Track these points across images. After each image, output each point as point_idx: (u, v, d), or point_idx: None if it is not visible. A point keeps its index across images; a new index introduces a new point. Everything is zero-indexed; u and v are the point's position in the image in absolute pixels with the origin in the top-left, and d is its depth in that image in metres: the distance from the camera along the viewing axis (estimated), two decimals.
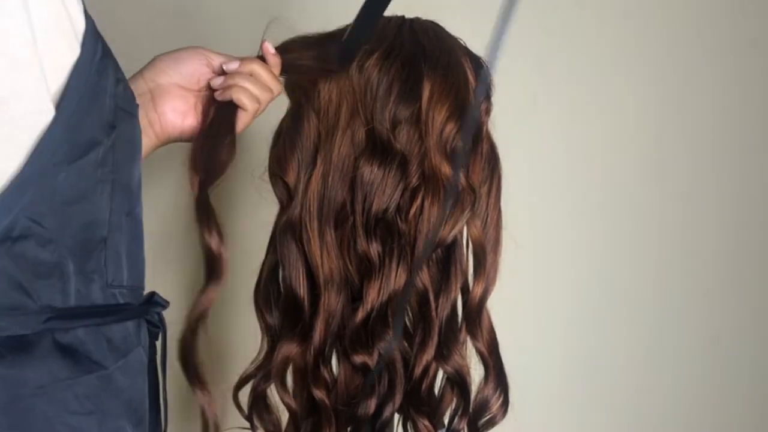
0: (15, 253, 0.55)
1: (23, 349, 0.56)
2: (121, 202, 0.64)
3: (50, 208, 0.57)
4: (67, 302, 0.59)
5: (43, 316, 0.57)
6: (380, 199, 0.78)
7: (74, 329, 0.60)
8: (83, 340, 0.61)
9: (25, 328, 0.56)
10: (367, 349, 0.79)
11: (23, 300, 0.56)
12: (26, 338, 0.57)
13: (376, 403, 0.79)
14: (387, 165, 0.78)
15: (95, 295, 0.62)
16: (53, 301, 0.58)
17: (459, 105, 0.81)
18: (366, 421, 0.80)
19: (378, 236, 0.79)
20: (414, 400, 0.81)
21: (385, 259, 0.78)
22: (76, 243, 0.60)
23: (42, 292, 0.57)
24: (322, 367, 0.80)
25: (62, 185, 0.57)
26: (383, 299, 0.78)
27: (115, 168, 0.62)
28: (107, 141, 0.61)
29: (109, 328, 0.64)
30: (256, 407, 0.86)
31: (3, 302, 0.55)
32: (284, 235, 0.81)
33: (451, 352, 0.81)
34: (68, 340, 0.59)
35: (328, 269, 0.79)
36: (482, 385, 0.84)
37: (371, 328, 0.79)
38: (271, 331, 0.85)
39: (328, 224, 0.79)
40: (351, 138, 0.79)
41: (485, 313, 0.84)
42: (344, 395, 0.81)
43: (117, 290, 0.65)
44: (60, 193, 0.57)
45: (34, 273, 0.57)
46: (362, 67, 0.79)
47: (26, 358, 0.57)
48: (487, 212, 0.85)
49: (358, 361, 0.79)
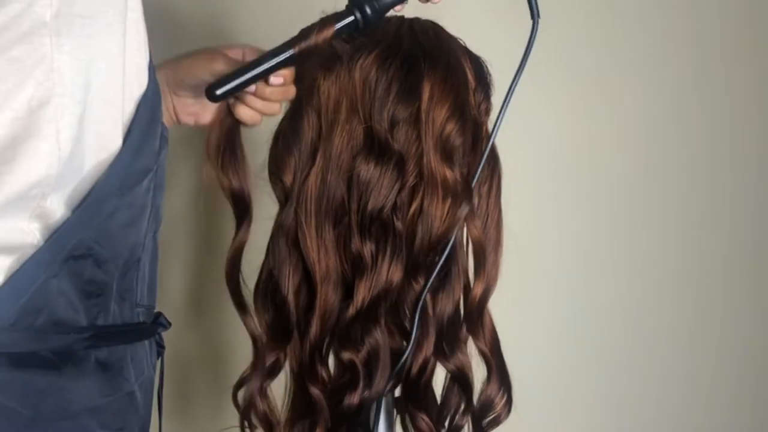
0: (75, 271, 0.57)
1: (75, 364, 0.59)
2: (152, 223, 0.66)
3: (109, 230, 0.59)
4: (107, 320, 0.62)
5: (88, 333, 0.59)
6: (376, 198, 0.78)
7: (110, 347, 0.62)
8: (118, 357, 0.63)
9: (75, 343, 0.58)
10: (354, 346, 0.79)
11: (76, 317, 0.59)
12: (76, 354, 0.59)
13: (359, 397, 0.79)
14: (384, 164, 0.78)
15: (125, 314, 0.65)
16: (97, 320, 0.60)
17: (459, 105, 0.81)
18: (350, 415, 0.80)
19: (372, 235, 0.79)
20: (412, 396, 0.81)
21: (378, 258, 0.78)
22: (123, 264, 0.62)
23: (90, 310, 0.60)
24: (318, 364, 0.80)
25: (122, 209, 0.60)
26: (373, 296, 0.78)
27: (155, 192, 0.65)
28: (155, 167, 0.64)
29: (134, 346, 0.66)
30: (254, 407, 0.86)
31: (61, 318, 0.57)
32: (281, 235, 0.81)
33: (453, 350, 0.81)
34: (105, 357, 0.62)
35: (325, 267, 0.79)
36: (485, 384, 0.84)
37: (360, 325, 0.79)
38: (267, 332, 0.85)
39: (326, 222, 0.79)
40: (349, 136, 0.79)
41: (487, 313, 0.84)
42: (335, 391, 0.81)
43: (140, 309, 0.68)
44: (119, 216, 0.60)
45: (86, 292, 0.59)
46: (361, 66, 0.79)
47: (77, 372, 0.59)
48: (487, 212, 0.85)
49: (346, 358, 0.80)
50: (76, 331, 0.59)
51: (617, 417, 1.41)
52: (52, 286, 0.56)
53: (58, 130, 0.54)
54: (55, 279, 0.56)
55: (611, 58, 1.33)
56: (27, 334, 0.56)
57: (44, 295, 0.56)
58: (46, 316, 0.56)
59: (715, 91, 1.38)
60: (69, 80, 0.54)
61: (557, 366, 1.37)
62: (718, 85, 1.38)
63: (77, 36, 0.54)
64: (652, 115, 1.36)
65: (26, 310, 0.55)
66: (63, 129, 0.54)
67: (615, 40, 1.32)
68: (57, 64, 0.53)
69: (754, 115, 1.41)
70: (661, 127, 1.37)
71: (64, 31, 0.53)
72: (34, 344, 0.56)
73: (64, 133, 0.54)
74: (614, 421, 1.41)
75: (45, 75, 0.53)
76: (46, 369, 0.57)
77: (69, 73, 0.54)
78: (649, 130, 1.37)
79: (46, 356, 0.57)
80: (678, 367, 1.42)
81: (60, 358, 0.58)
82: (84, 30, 0.54)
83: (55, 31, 0.52)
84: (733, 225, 1.42)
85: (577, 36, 1.30)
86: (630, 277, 1.38)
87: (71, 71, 0.54)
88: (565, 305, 1.36)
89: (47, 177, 0.54)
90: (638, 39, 1.34)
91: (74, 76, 0.54)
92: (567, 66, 1.31)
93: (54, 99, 0.53)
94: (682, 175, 1.39)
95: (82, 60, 0.54)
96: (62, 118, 0.54)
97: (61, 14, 0.53)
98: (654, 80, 1.35)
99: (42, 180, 0.54)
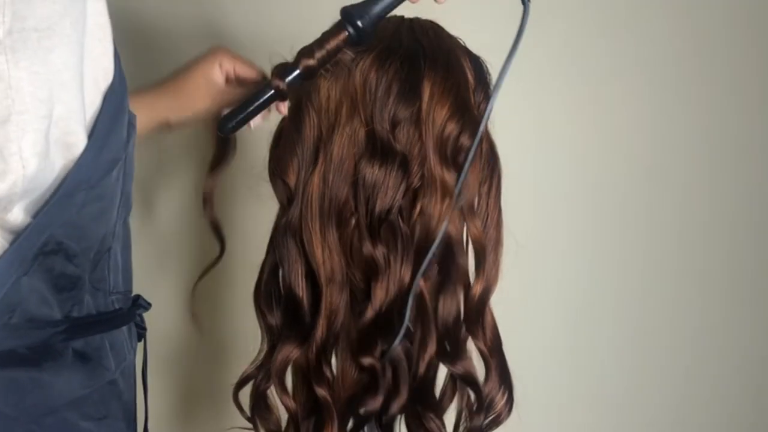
0: (46, 267, 0.57)
1: (52, 358, 0.59)
2: (122, 211, 0.66)
3: (78, 224, 0.59)
4: (82, 312, 0.62)
5: (63, 326, 0.59)
6: (383, 200, 0.78)
7: (87, 337, 0.62)
8: (95, 347, 0.63)
9: (51, 337, 0.58)
10: (373, 350, 0.79)
11: (50, 312, 0.59)
12: (53, 348, 0.59)
13: (382, 401, 0.79)
14: (388, 165, 0.78)
15: (99, 303, 0.65)
16: (71, 312, 0.61)
17: (459, 105, 0.80)
18: (371, 419, 0.80)
19: (382, 237, 0.78)
20: (421, 397, 0.81)
21: (390, 259, 0.78)
22: (94, 255, 0.62)
23: (63, 303, 0.60)
24: (324, 365, 0.80)
25: (90, 203, 0.59)
26: (391, 298, 0.78)
27: (125, 180, 0.65)
28: (123, 156, 0.64)
29: (111, 334, 0.65)
30: (258, 408, 0.86)
31: (34, 314, 0.58)
32: (284, 235, 0.81)
33: (458, 351, 0.81)
34: (83, 348, 0.62)
35: (330, 268, 0.79)
36: (486, 383, 0.84)
37: (378, 328, 0.79)
38: (271, 332, 0.85)
39: (330, 223, 0.79)
40: (351, 137, 0.79)
41: (488, 313, 0.84)
42: (346, 393, 0.81)
43: (114, 296, 0.67)
44: (87, 210, 0.60)
45: (58, 286, 0.59)
46: (361, 68, 0.79)
47: (56, 366, 0.59)
48: (487, 212, 0.84)
49: (366, 362, 0.79)
50: (51, 325, 0.59)
51: (617, 418, 1.42)
52: (23, 284, 0.56)
53: (20, 148, 0.52)
54: (25, 277, 0.56)
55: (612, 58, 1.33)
56: (2, 333, 0.56)
57: (16, 294, 0.56)
58: (20, 314, 0.56)
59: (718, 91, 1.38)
60: (29, 96, 0.52)
61: (558, 366, 1.37)
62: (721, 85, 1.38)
63: (34, 50, 0.52)
64: (654, 115, 1.36)
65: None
66: (26, 147, 0.53)
67: (616, 40, 1.32)
68: (14, 81, 0.52)
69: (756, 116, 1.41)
70: (663, 127, 1.37)
71: (20, 46, 0.52)
72: (10, 341, 0.56)
73: (27, 150, 0.53)
74: (614, 421, 1.41)
75: (3, 93, 0.51)
76: (25, 366, 0.57)
77: (29, 88, 0.52)
78: (651, 131, 1.37)
79: (24, 353, 0.57)
80: (679, 369, 1.43)
81: (38, 353, 0.58)
82: (41, 43, 0.53)
83: (9, 48, 0.51)
84: (736, 226, 1.42)
85: (578, 36, 1.30)
86: (631, 276, 1.38)
87: (31, 86, 0.53)
88: (565, 305, 1.36)
89: (10, 195, 0.53)
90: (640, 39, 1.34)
91: (35, 91, 0.53)
92: (568, 66, 1.31)
93: (13, 117, 0.52)
94: (683, 175, 1.39)
95: (41, 74, 0.53)
96: (24, 136, 0.52)
97: (14, 30, 0.51)
98: (655, 80, 1.35)
99: (4, 198, 0.53)
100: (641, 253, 1.38)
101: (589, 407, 1.40)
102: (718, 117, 1.39)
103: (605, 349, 1.39)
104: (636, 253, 1.38)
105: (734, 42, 1.38)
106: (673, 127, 1.37)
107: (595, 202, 1.35)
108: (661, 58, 1.35)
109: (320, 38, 0.78)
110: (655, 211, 1.38)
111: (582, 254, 1.36)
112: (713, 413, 1.46)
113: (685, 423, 1.44)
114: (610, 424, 1.41)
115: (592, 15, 1.31)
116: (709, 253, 1.42)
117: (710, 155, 1.40)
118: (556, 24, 1.28)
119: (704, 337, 1.43)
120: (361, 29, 0.76)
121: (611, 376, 1.40)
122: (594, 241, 1.36)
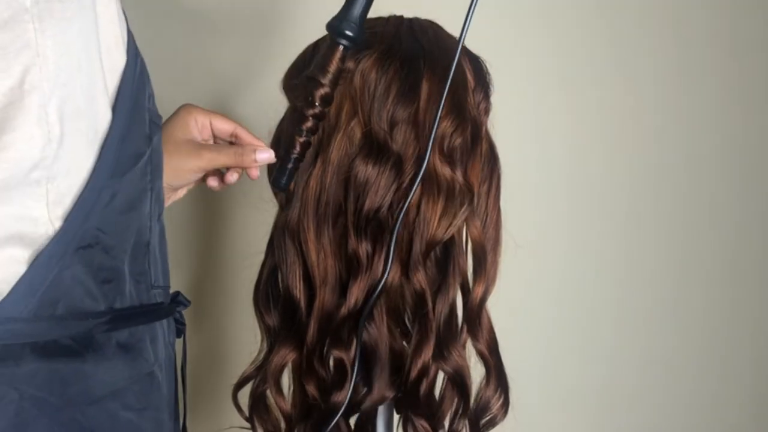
0: (86, 261, 0.59)
1: (96, 349, 0.60)
2: (155, 207, 0.68)
3: (110, 217, 0.61)
4: (125, 303, 0.63)
5: (107, 317, 0.61)
6: (372, 198, 0.78)
7: (129, 328, 0.64)
8: (138, 338, 0.65)
9: (94, 328, 0.60)
10: (344, 345, 0.80)
11: (92, 304, 0.60)
12: (96, 339, 0.60)
13: (349, 394, 0.79)
14: (381, 165, 0.78)
15: (143, 296, 0.66)
16: (114, 303, 0.62)
17: (458, 105, 0.80)
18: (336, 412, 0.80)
19: (369, 235, 0.79)
20: (411, 400, 0.81)
21: (374, 258, 0.78)
22: (130, 248, 0.64)
23: (106, 295, 0.61)
24: (316, 365, 0.81)
25: (118, 195, 0.61)
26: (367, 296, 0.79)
27: (153, 177, 0.67)
28: (148, 151, 0.65)
29: (153, 326, 0.68)
30: (256, 408, 0.86)
31: (79, 307, 0.59)
32: (282, 237, 0.81)
33: (450, 353, 0.81)
34: (126, 339, 0.63)
35: (323, 269, 0.80)
36: (483, 385, 0.84)
37: (350, 324, 0.79)
38: (270, 332, 0.86)
39: (326, 225, 0.79)
40: (349, 139, 0.79)
41: (485, 314, 0.84)
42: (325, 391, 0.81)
43: (156, 290, 0.69)
44: (117, 202, 0.61)
45: (99, 278, 0.61)
46: (362, 70, 0.79)
47: (99, 357, 0.61)
48: (486, 212, 0.84)
49: (336, 356, 0.80)
50: (95, 316, 0.60)
51: (616, 419, 1.42)
52: (66, 277, 0.58)
53: (47, 113, 0.55)
54: (68, 270, 0.58)
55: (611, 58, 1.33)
56: (48, 324, 0.57)
57: (60, 286, 0.57)
58: (64, 305, 0.58)
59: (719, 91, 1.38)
60: (54, 64, 0.55)
61: (555, 367, 1.37)
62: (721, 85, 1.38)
63: (58, 20, 0.55)
64: (653, 115, 1.36)
65: (44, 301, 0.57)
66: (51, 112, 0.55)
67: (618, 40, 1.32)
68: (42, 49, 0.54)
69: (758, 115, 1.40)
70: (661, 127, 1.37)
71: (46, 15, 0.54)
72: (56, 332, 0.58)
73: (53, 115, 0.55)
74: (613, 422, 1.41)
75: (31, 60, 0.54)
76: (69, 356, 0.59)
77: (53, 57, 0.55)
78: (652, 131, 1.37)
79: (68, 344, 0.59)
80: (679, 370, 1.43)
81: (81, 344, 0.59)
82: (64, 14, 0.55)
83: (37, 17, 0.53)
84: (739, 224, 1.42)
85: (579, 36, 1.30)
86: (631, 277, 1.38)
87: (55, 55, 0.55)
88: (565, 306, 1.36)
89: (43, 159, 0.55)
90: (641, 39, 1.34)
91: (58, 59, 0.55)
92: (567, 66, 1.31)
93: (42, 83, 0.54)
94: (684, 176, 1.39)
95: (65, 43, 0.55)
96: (50, 101, 0.55)
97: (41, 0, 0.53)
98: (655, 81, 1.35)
99: (39, 163, 0.55)
100: (641, 253, 1.38)
101: (589, 407, 1.40)
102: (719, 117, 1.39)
103: (605, 350, 1.39)
104: (636, 253, 1.38)
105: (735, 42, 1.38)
106: (674, 128, 1.37)
107: (595, 203, 1.35)
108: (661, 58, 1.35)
109: (320, 63, 0.77)
110: (655, 211, 1.38)
111: (582, 255, 1.36)
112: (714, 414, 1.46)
113: (685, 424, 1.44)
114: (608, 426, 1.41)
115: (593, 15, 1.31)
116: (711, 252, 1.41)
117: (711, 155, 1.40)
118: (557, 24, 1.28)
119: (706, 337, 1.43)
120: (352, 37, 0.76)
121: (611, 377, 1.40)
122: (594, 241, 1.36)
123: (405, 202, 0.77)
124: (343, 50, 0.77)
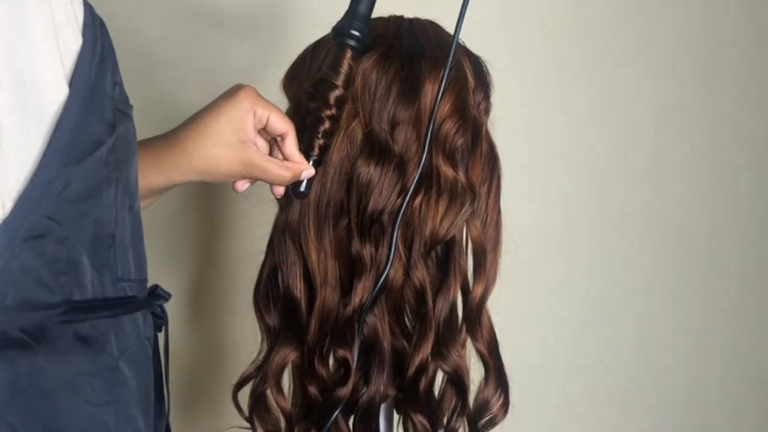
0: (38, 251, 0.57)
1: (48, 341, 0.59)
2: (123, 198, 0.66)
3: (64, 206, 0.59)
4: (84, 295, 0.62)
5: (62, 308, 0.59)
6: (376, 200, 0.78)
7: (90, 321, 0.62)
8: (101, 331, 0.63)
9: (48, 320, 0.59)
10: (348, 344, 0.80)
11: (46, 296, 0.59)
12: (50, 331, 0.59)
13: (350, 390, 0.80)
14: (384, 166, 0.78)
15: (107, 289, 0.65)
16: (71, 295, 0.60)
17: (458, 105, 0.80)
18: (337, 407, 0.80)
19: (372, 237, 0.79)
20: (410, 398, 0.81)
21: (378, 259, 0.79)
22: (89, 239, 0.62)
23: (61, 287, 0.60)
24: (317, 365, 0.81)
25: (73, 184, 0.59)
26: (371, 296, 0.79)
27: (117, 167, 0.64)
28: (109, 140, 0.63)
29: (120, 320, 0.66)
30: (256, 408, 0.86)
31: (29, 298, 0.58)
32: (282, 237, 0.81)
33: (449, 352, 0.81)
34: (86, 332, 0.62)
35: (324, 270, 0.80)
36: (483, 385, 0.84)
37: (355, 323, 0.79)
38: (270, 333, 0.86)
39: (326, 225, 0.80)
40: (350, 139, 0.79)
41: (485, 313, 0.84)
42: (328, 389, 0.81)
43: (126, 284, 0.67)
44: (71, 191, 0.59)
45: (53, 269, 0.59)
46: (363, 70, 0.79)
47: (52, 349, 0.59)
48: (486, 212, 0.85)
49: (340, 355, 0.80)
50: (48, 307, 0.58)
51: (615, 419, 1.42)
52: (15, 266, 0.56)
53: None
54: (16, 260, 0.56)
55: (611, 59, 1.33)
56: None
57: (8, 277, 0.56)
58: (13, 296, 0.56)
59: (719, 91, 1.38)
60: None
61: (555, 367, 1.37)
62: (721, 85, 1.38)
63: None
64: (653, 115, 1.36)
65: None
66: None
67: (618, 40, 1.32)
68: None
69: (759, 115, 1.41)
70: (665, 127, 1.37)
71: None
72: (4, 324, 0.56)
73: None
74: (612, 423, 1.41)
75: None
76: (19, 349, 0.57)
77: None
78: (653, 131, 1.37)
79: (17, 336, 0.57)
80: (680, 370, 1.43)
81: (32, 336, 0.58)
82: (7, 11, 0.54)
83: None
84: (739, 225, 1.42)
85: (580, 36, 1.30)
86: (630, 277, 1.38)
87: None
88: (564, 306, 1.36)
89: None
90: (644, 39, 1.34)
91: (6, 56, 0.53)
92: (567, 66, 1.31)
93: None
94: (685, 176, 1.39)
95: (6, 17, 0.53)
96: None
97: None
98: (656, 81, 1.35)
99: None
100: (641, 253, 1.38)
101: (588, 408, 1.40)
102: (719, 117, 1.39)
103: (605, 351, 1.39)
104: (636, 253, 1.38)
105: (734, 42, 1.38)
106: (674, 128, 1.37)
107: (596, 203, 1.35)
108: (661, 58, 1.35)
109: (331, 64, 0.77)
110: (655, 211, 1.38)
111: (581, 255, 1.36)
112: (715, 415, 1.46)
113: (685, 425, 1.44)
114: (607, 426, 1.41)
115: (593, 15, 1.31)
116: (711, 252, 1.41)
117: (711, 155, 1.40)
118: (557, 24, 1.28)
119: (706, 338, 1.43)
120: (360, 38, 0.77)
121: (611, 377, 1.40)
122: (593, 242, 1.36)
123: (405, 202, 0.77)
124: (352, 52, 0.77)
